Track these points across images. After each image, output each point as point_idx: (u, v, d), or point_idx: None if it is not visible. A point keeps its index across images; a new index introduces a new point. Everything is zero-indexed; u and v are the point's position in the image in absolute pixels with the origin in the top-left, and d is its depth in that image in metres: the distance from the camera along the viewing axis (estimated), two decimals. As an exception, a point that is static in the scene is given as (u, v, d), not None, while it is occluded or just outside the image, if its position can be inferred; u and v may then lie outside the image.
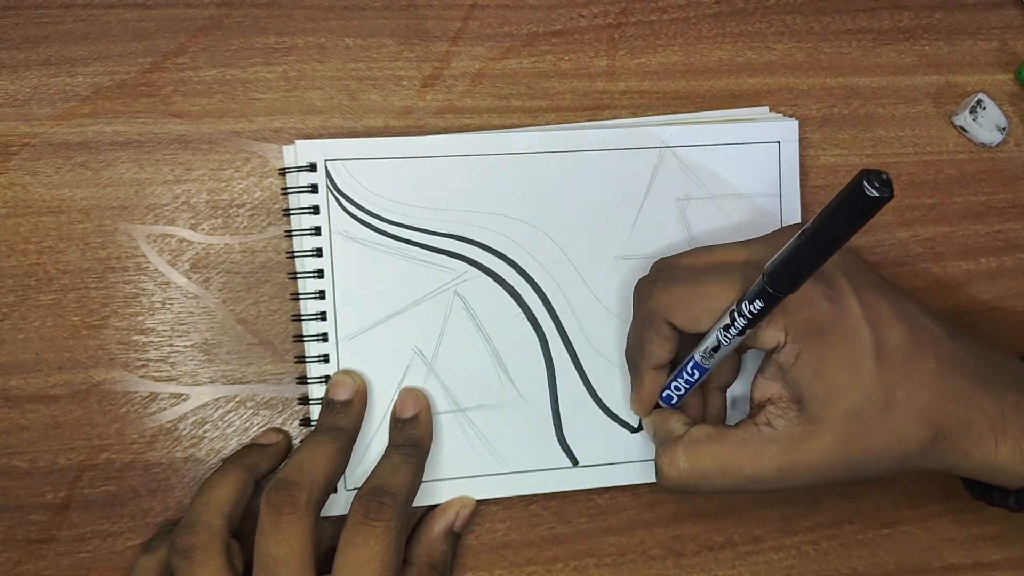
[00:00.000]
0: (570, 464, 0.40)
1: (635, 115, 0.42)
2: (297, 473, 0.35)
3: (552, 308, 0.40)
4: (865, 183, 0.25)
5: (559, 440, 0.40)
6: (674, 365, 0.37)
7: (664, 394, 0.37)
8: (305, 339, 0.39)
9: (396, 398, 0.39)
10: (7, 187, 0.39)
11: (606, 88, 0.42)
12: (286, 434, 0.39)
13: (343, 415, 0.38)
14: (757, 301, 0.31)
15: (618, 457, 0.40)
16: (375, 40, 0.41)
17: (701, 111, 0.43)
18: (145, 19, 0.40)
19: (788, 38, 0.44)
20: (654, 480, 0.40)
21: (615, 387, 0.40)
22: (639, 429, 0.40)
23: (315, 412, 0.38)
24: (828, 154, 0.44)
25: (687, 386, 0.36)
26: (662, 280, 0.35)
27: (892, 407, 0.32)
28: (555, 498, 0.41)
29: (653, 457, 0.36)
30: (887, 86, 0.45)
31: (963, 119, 0.44)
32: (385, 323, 0.39)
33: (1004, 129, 0.44)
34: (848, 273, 0.34)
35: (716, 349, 0.34)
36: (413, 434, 0.38)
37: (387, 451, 0.38)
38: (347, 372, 0.38)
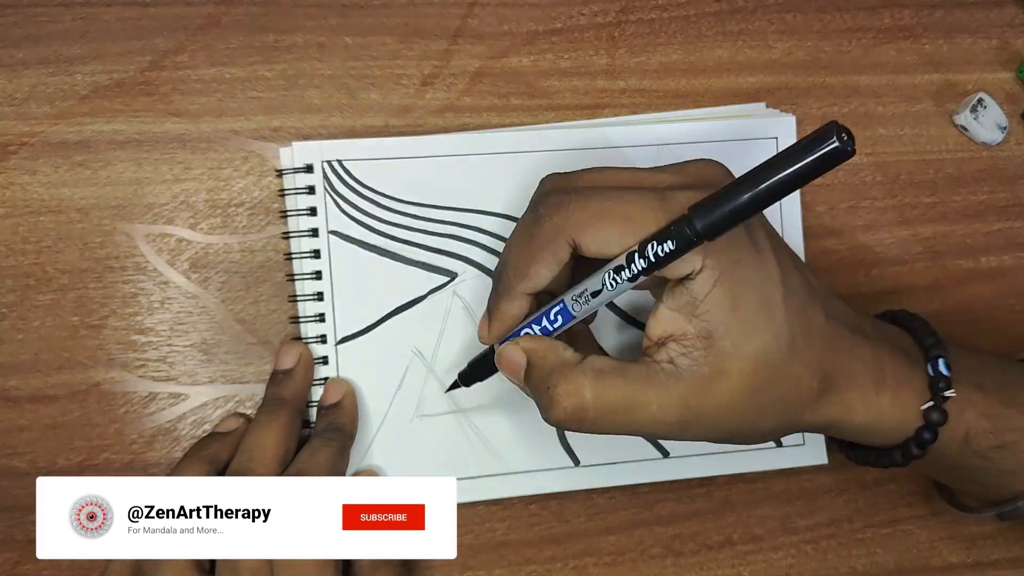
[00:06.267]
0: (572, 464, 0.40)
1: (635, 114, 0.42)
2: (247, 462, 0.34)
3: (552, 307, 0.40)
4: (835, 133, 0.24)
5: (560, 440, 0.40)
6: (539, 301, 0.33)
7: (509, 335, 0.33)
8: (303, 341, 0.38)
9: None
10: (6, 187, 0.38)
11: (606, 87, 0.42)
12: (247, 418, 0.39)
13: (286, 385, 0.37)
14: (669, 242, 0.28)
15: (620, 456, 0.40)
16: (375, 38, 0.41)
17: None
18: (144, 18, 0.40)
19: (788, 36, 0.44)
20: (653, 480, 0.40)
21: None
22: (456, 386, 0.38)
23: (314, 414, 0.38)
24: (828, 153, 0.43)
25: (542, 334, 0.32)
26: (576, 195, 0.31)
27: (793, 354, 0.31)
28: (554, 497, 0.41)
29: (533, 397, 0.32)
30: (887, 84, 0.44)
31: (964, 118, 0.44)
32: (384, 324, 0.39)
33: (1005, 128, 0.44)
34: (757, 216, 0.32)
35: (596, 294, 0.30)
36: (334, 420, 0.37)
37: (308, 439, 0.37)
38: (293, 342, 0.38)
